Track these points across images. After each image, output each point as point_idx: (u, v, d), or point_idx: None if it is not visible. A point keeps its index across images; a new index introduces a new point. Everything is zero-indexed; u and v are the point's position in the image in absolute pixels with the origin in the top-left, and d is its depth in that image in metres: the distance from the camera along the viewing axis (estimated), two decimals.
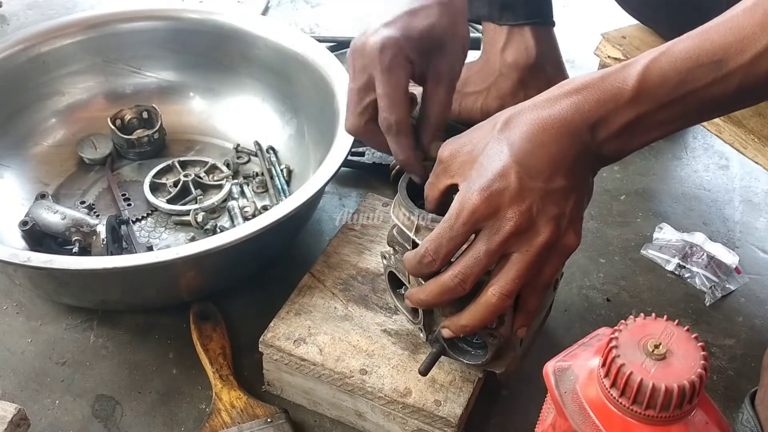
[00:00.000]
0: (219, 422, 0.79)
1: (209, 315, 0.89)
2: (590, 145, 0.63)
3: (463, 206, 0.63)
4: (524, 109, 0.65)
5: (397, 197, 0.72)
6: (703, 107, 0.63)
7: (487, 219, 0.63)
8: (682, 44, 0.61)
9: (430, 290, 0.67)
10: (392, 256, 0.75)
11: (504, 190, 0.62)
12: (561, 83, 0.65)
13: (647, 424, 0.53)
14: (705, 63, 0.60)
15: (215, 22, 1.13)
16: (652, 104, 0.62)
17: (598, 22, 1.26)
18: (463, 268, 0.64)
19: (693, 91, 0.61)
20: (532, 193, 0.62)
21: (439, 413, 0.74)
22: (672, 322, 0.56)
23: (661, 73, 0.61)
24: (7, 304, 0.93)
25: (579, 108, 0.62)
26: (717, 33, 0.60)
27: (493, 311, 0.65)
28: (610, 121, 0.63)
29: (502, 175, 0.62)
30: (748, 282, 0.98)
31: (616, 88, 0.62)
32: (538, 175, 0.62)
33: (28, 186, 1.04)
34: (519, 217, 0.62)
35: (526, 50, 1.08)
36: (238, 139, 1.13)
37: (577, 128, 0.63)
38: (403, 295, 0.77)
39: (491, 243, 0.63)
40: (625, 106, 0.62)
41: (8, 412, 0.71)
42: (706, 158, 1.19)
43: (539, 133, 0.63)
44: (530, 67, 1.08)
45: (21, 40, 1.07)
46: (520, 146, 0.63)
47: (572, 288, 0.97)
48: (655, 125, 0.64)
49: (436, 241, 0.64)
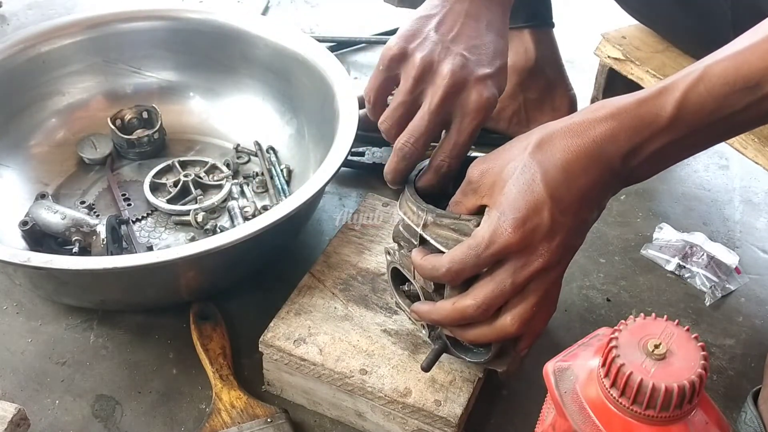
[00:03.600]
0: (219, 422, 0.79)
1: (209, 315, 0.89)
2: (621, 172, 0.63)
3: (495, 238, 0.62)
4: (557, 133, 0.63)
5: (405, 193, 0.72)
6: (734, 129, 0.63)
7: (516, 253, 0.63)
8: (718, 67, 0.60)
9: (446, 314, 0.67)
10: (397, 251, 0.74)
11: (537, 227, 0.62)
12: (597, 105, 0.64)
13: (647, 424, 0.53)
14: (741, 88, 0.59)
15: (215, 22, 1.13)
16: (687, 130, 0.61)
17: (598, 22, 1.26)
18: (488, 299, 0.64)
19: (727, 115, 0.60)
20: (563, 229, 0.63)
21: (439, 413, 0.74)
22: (672, 322, 0.56)
23: (699, 101, 0.60)
24: (7, 304, 0.93)
25: (614, 136, 0.62)
26: (754, 56, 0.58)
27: (508, 336, 0.66)
28: (643, 148, 0.62)
29: (535, 210, 0.62)
30: (748, 282, 0.98)
31: (653, 115, 0.61)
32: (569, 209, 0.62)
33: (28, 186, 1.04)
34: (549, 255, 0.63)
35: (525, 53, 1.08)
36: (238, 139, 1.13)
37: (610, 158, 0.62)
38: (406, 292, 0.77)
39: (518, 276, 0.63)
40: (660, 134, 0.61)
41: (8, 412, 0.71)
42: (706, 158, 1.19)
43: (572, 162, 0.62)
44: (529, 69, 1.09)
45: (21, 40, 1.07)
46: (554, 176, 0.62)
47: (572, 288, 0.97)
48: (686, 149, 0.64)
49: (459, 264, 0.64)
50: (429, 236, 0.68)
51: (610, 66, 1.15)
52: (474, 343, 0.71)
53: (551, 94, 1.12)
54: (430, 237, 0.68)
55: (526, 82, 1.09)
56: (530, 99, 1.10)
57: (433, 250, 0.68)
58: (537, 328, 0.68)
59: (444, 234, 0.68)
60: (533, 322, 0.66)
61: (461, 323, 0.67)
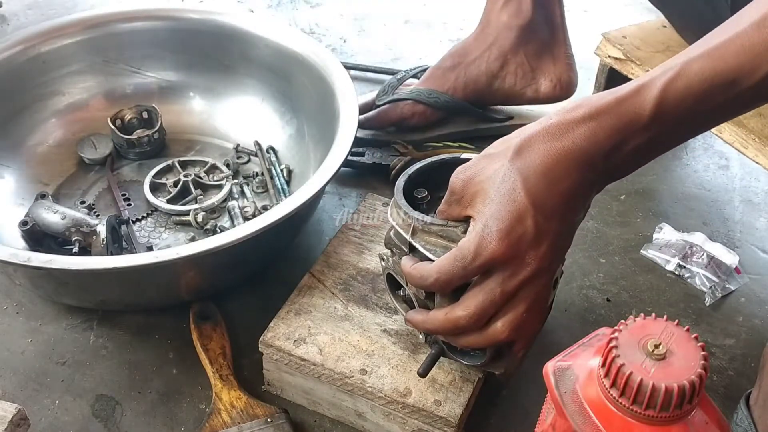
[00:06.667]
0: (219, 422, 0.79)
1: (209, 315, 0.89)
2: (603, 170, 0.63)
3: (481, 250, 0.62)
4: (535, 137, 0.63)
5: (394, 198, 0.72)
6: (713, 122, 0.64)
7: (503, 263, 0.63)
8: (696, 64, 0.60)
9: (439, 324, 0.68)
10: (390, 258, 0.75)
11: (522, 236, 0.62)
12: (573, 105, 0.63)
13: (647, 424, 0.53)
14: (719, 83, 0.59)
15: (215, 22, 1.13)
16: (667, 126, 0.61)
17: (598, 22, 1.26)
18: (478, 310, 0.64)
19: (706, 110, 0.61)
20: (548, 235, 0.62)
21: (439, 413, 0.74)
22: (672, 322, 0.56)
23: (678, 97, 0.60)
24: (7, 304, 0.93)
25: (594, 137, 0.61)
26: (729, 52, 0.59)
27: (500, 341, 0.66)
28: (624, 146, 0.62)
29: (518, 219, 0.62)
30: (748, 282, 0.98)
31: (632, 113, 0.61)
32: (553, 214, 0.62)
33: (28, 186, 1.04)
34: (537, 262, 0.63)
35: (522, 11, 1.08)
36: (238, 139, 1.13)
37: (591, 158, 0.62)
38: (402, 296, 0.77)
39: (507, 285, 0.63)
40: (640, 131, 0.61)
41: (8, 412, 0.71)
42: (706, 158, 1.19)
43: (553, 166, 0.62)
44: (525, 26, 1.09)
45: (21, 40, 1.07)
46: (535, 183, 0.62)
47: (572, 288, 0.97)
48: (666, 143, 0.64)
49: (447, 275, 0.64)
50: (418, 243, 0.68)
51: (610, 66, 1.15)
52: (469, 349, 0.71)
53: (550, 50, 1.12)
54: (419, 244, 0.68)
55: (524, 37, 1.10)
56: (530, 53, 1.11)
57: (422, 258, 0.68)
58: (530, 331, 0.68)
59: (432, 241, 0.68)
60: (525, 326, 0.66)
61: (454, 333, 0.68)
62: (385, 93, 1.14)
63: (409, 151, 1.10)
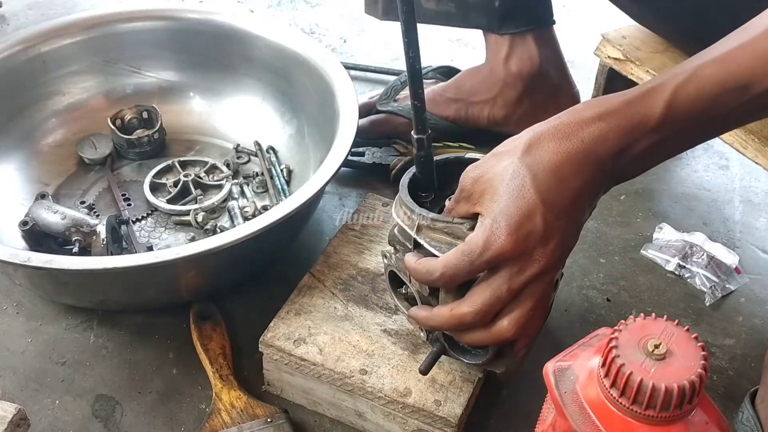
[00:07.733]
0: (219, 422, 0.79)
1: (209, 315, 0.89)
2: (611, 172, 0.63)
3: (489, 245, 0.62)
4: (545, 135, 0.63)
5: (399, 195, 0.72)
6: (724, 127, 0.64)
7: (511, 259, 0.63)
8: (708, 69, 0.60)
9: (444, 320, 0.67)
10: (393, 255, 0.74)
11: (531, 233, 0.62)
12: (583, 105, 0.63)
13: (647, 424, 0.53)
14: (731, 88, 0.59)
15: (215, 22, 1.13)
16: (676, 130, 0.61)
17: (598, 22, 1.26)
18: (485, 306, 0.64)
19: (717, 115, 0.61)
20: (557, 233, 0.62)
21: (439, 413, 0.74)
22: (672, 322, 0.56)
23: (689, 100, 0.60)
24: (7, 304, 0.93)
25: (603, 137, 0.61)
26: (743, 56, 0.59)
27: (505, 339, 0.66)
28: (633, 148, 0.62)
29: (528, 215, 0.62)
30: (748, 282, 0.98)
31: (642, 115, 0.61)
32: (562, 212, 0.62)
33: (28, 186, 1.04)
34: (545, 259, 0.63)
35: (530, 59, 1.08)
36: (238, 139, 1.13)
37: (599, 159, 0.62)
38: (404, 295, 0.77)
39: (514, 282, 0.63)
40: (649, 134, 0.61)
41: (8, 412, 0.71)
42: (706, 158, 1.19)
43: (562, 164, 0.62)
44: (534, 75, 1.09)
45: (21, 40, 1.07)
46: (544, 180, 0.62)
47: (572, 288, 0.97)
48: (675, 147, 0.64)
49: (453, 270, 0.64)
50: (423, 240, 0.68)
51: (610, 66, 1.15)
52: (472, 346, 0.71)
53: (555, 96, 1.12)
54: (424, 241, 0.68)
55: (531, 87, 1.10)
56: (536, 102, 1.11)
57: (427, 254, 0.68)
58: (533, 330, 0.68)
59: (437, 237, 0.68)
60: (530, 324, 0.66)
61: (459, 329, 0.68)
62: (387, 96, 1.14)
63: (409, 151, 1.10)
